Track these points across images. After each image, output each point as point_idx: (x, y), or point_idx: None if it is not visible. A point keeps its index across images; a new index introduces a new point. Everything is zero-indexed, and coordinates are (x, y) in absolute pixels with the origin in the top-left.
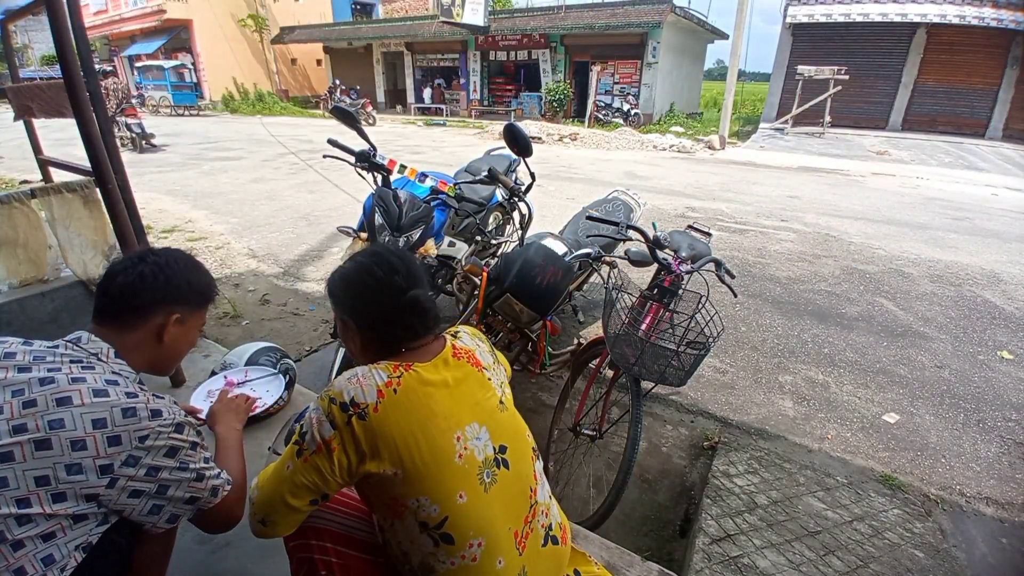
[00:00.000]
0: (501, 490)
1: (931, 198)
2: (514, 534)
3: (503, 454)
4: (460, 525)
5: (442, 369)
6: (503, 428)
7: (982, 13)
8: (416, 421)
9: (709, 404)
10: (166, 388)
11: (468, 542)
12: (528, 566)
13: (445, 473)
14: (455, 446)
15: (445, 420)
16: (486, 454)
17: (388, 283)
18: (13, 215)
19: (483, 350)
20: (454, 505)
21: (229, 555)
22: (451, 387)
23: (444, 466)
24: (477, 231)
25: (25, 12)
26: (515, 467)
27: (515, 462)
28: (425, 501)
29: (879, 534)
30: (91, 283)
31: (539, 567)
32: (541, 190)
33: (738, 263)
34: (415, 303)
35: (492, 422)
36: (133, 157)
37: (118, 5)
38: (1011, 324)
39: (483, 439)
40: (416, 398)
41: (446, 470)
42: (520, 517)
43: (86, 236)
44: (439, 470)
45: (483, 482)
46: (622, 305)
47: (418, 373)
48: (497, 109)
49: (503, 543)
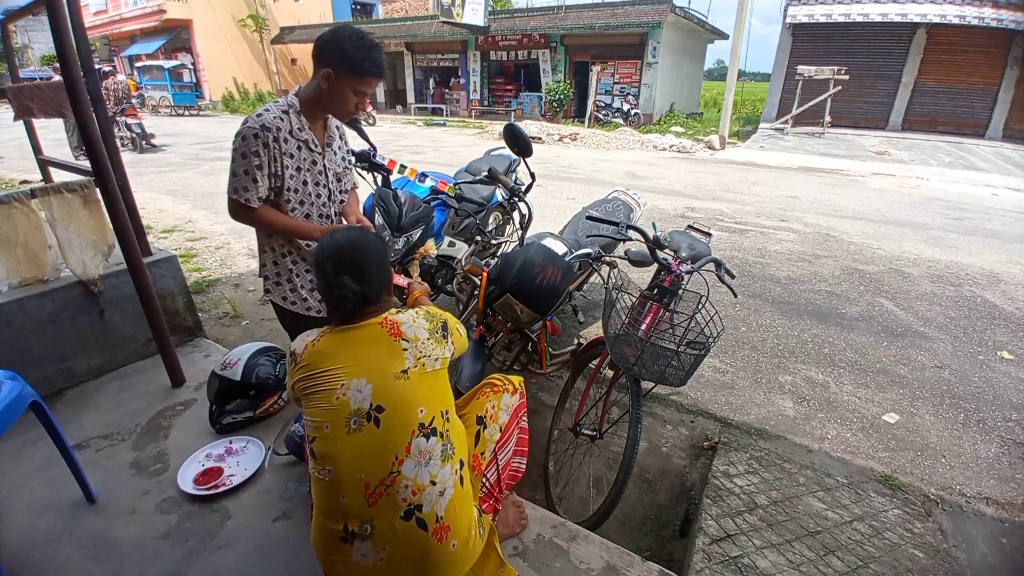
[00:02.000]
0: (361, 440)
1: (931, 198)
2: (364, 484)
3: (378, 413)
4: (320, 448)
5: (356, 332)
6: (390, 392)
7: (982, 13)
8: (318, 364)
9: (709, 404)
10: (166, 388)
11: (324, 464)
12: (377, 523)
13: (323, 406)
14: (336, 390)
15: (336, 369)
16: (361, 405)
17: (320, 266)
18: (13, 215)
19: (419, 326)
20: (321, 431)
21: (229, 555)
22: (356, 346)
23: (323, 401)
24: (477, 231)
25: (25, 12)
26: (385, 429)
27: (387, 425)
28: (309, 420)
29: (879, 534)
30: (91, 283)
31: (394, 538)
32: (541, 190)
33: (738, 263)
34: (332, 289)
35: (381, 383)
36: (133, 157)
37: (118, 5)
38: (1011, 324)
39: (364, 393)
40: (326, 350)
41: (324, 404)
42: (374, 474)
43: (86, 236)
44: (319, 402)
45: (348, 426)
46: (622, 305)
47: (334, 334)
48: (497, 109)
49: (347, 483)
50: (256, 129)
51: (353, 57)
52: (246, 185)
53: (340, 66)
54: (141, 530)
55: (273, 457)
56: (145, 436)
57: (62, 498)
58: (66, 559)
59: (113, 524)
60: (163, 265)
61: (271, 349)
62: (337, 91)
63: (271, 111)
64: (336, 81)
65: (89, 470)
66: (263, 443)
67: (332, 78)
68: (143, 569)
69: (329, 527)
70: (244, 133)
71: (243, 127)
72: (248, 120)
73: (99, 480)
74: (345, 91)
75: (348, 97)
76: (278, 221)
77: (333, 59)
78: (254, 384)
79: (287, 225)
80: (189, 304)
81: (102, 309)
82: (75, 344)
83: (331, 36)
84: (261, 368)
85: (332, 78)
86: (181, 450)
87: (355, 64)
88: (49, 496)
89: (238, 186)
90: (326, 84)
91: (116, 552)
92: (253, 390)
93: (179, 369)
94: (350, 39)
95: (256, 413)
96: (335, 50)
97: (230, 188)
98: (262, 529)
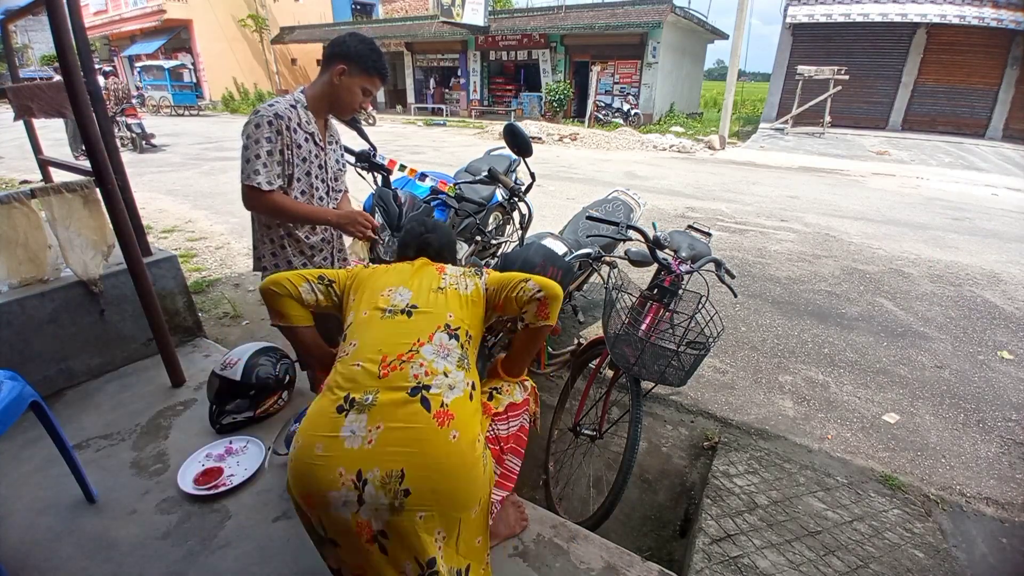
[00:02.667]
0: (392, 325)
1: (931, 198)
2: (382, 357)
3: (413, 309)
4: (352, 329)
5: (410, 266)
6: (425, 298)
7: (982, 13)
8: (375, 274)
9: (709, 404)
10: (166, 388)
11: (351, 340)
12: (381, 395)
13: (367, 298)
14: (383, 292)
15: (387, 281)
16: (398, 304)
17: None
18: (13, 215)
19: (459, 272)
20: (359, 316)
21: (229, 555)
22: (406, 273)
23: (369, 295)
24: (477, 231)
25: (25, 12)
26: (415, 320)
27: (417, 318)
28: (350, 309)
29: (879, 534)
30: (91, 283)
31: (393, 413)
32: (541, 190)
33: (738, 263)
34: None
35: (419, 292)
36: (133, 157)
37: (118, 5)
38: (1011, 324)
39: (404, 297)
40: (382, 269)
41: (369, 297)
42: (394, 349)
43: (86, 236)
44: (365, 294)
45: (384, 314)
46: (622, 305)
47: (391, 266)
48: (497, 109)
49: (366, 353)
50: (270, 116)
51: (367, 58)
52: (257, 169)
53: (354, 64)
54: (141, 530)
55: (273, 457)
56: (145, 436)
57: (62, 498)
58: (66, 559)
59: (113, 524)
60: (163, 265)
61: (271, 349)
62: (347, 87)
63: (281, 103)
64: (347, 78)
65: (89, 470)
66: (263, 443)
67: (345, 74)
68: (143, 569)
69: (329, 399)
70: (258, 121)
71: (255, 116)
72: (260, 109)
73: (99, 480)
74: (355, 87)
75: (356, 93)
76: (293, 205)
77: (348, 57)
78: (254, 384)
79: (301, 209)
80: (189, 304)
81: (102, 309)
82: (75, 344)
83: (347, 38)
84: (261, 368)
85: (345, 74)
86: (181, 450)
87: (367, 64)
88: (49, 496)
89: (251, 171)
90: (338, 80)
91: (116, 552)
92: (253, 390)
93: (179, 369)
94: (364, 43)
95: (256, 413)
96: (351, 50)
97: (243, 176)
98: (262, 529)
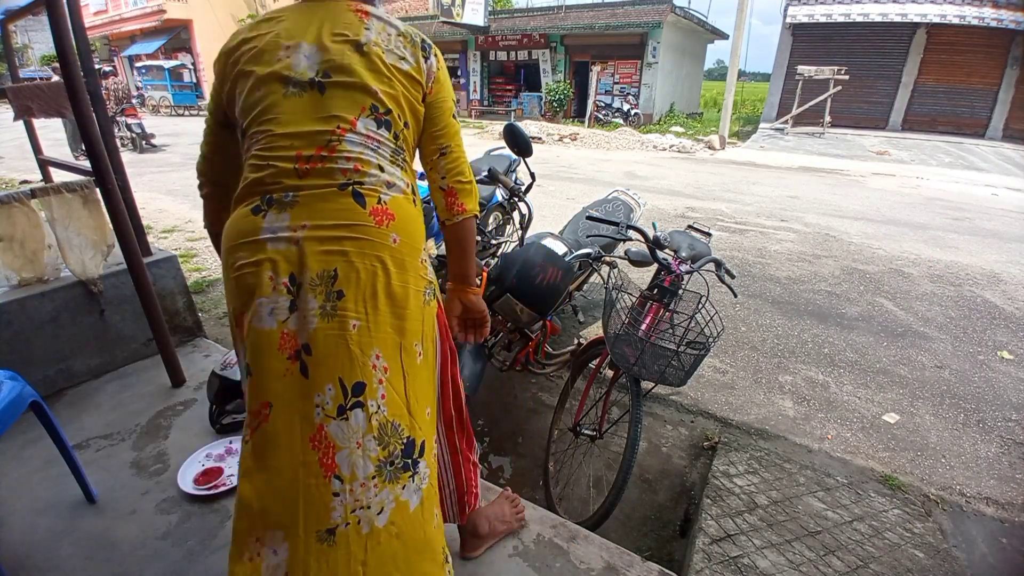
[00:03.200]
0: (299, 105)
1: (931, 198)
2: (296, 153)
3: (325, 80)
4: (253, 119)
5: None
6: (340, 60)
7: (982, 13)
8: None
9: (709, 404)
10: (166, 388)
11: (251, 133)
12: (304, 193)
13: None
14: (279, 53)
15: (281, 34)
16: (303, 72)
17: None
18: (13, 215)
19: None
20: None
21: None
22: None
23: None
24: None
25: (25, 12)
26: (330, 97)
27: (332, 93)
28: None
29: (879, 534)
30: (91, 283)
31: (321, 206)
32: (541, 190)
33: (738, 263)
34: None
35: (328, 49)
36: (133, 157)
37: (118, 5)
38: (1011, 324)
39: (310, 58)
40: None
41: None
42: (310, 141)
43: (86, 236)
44: (255, 67)
45: (287, 89)
46: (622, 305)
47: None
48: (497, 109)
49: (275, 149)
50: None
51: None
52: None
53: None
54: (141, 530)
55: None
56: (145, 436)
57: (62, 498)
58: (66, 559)
59: (113, 524)
60: (163, 265)
61: None
62: None
63: None
64: None
65: (89, 470)
66: None
67: None
68: (143, 569)
69: (242, 209)
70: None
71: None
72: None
73: (99, 480)
74: None
75: None
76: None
77: None
78: None
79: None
80: (189, 304)
81: (102, 309)
82: (75, 344)
83: None
84: None
85: None
86: (181, 450)
87: None
88: (49, 496)
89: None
90: None
91: (116, 552)
92: None
93: (179, 369)
94: None
95: None
96: None
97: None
98: None
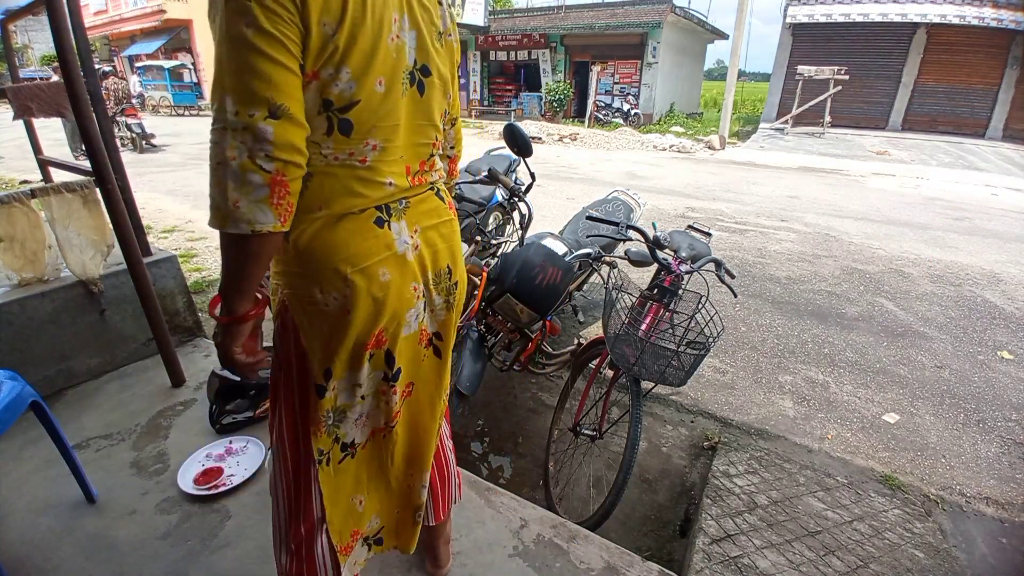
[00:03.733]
0: (407, 108)
1: (931, 198)
2: (407, 167)
3: (424, 76)
4: (364, 116)
5: None
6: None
7: (982, 13)
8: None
9: (709, 404)
10: (166, 388)
11: (366, 140)
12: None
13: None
14: (392, 25)
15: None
16: (406, 64)
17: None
18: (13, 215)
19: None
20: (371, 89)
21: (229, 555)
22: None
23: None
24: (477, 231)
25: (25, 12)
26: (427, 100)
27: (430, 96)
28: (345, 73)
29: (879, 534)
30: (91, 283)
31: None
32: (541, 190)
33: (738, 263)
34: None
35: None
36: (133, 157)
37: (118, 5)
38: (1011, 324)
39: (410, 43)
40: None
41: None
42: (416, 155)
43: (86, 236)
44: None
45: (404, 86)
46: (622, 305)
47: None
48: (497, 109)
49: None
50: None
51: None
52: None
53: None
54: (141, 530)
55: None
56: (145, 436)
57: (62, 498)
58: (66, 559)
59: (113, 524)
60: (163, 265)
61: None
62: None
63: None
64: None
65: (89, 470)
66: (263, 443)
67: None
68: (143, 569)
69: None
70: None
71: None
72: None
73: (99, 480)
74: None
75: None
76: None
77: None
78: (254, 384)
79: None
80: (189, 304)
81: (102, 309)
82: (75, 344)
83: None
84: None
85: None
86: (181, 450)
87: None
88: (49, 496)
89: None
90: None
91: (116, 552)
92: (253, 390)
93: (179, 369)
94: None
95: (256, 413)
96: None
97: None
98: (262, 529)
